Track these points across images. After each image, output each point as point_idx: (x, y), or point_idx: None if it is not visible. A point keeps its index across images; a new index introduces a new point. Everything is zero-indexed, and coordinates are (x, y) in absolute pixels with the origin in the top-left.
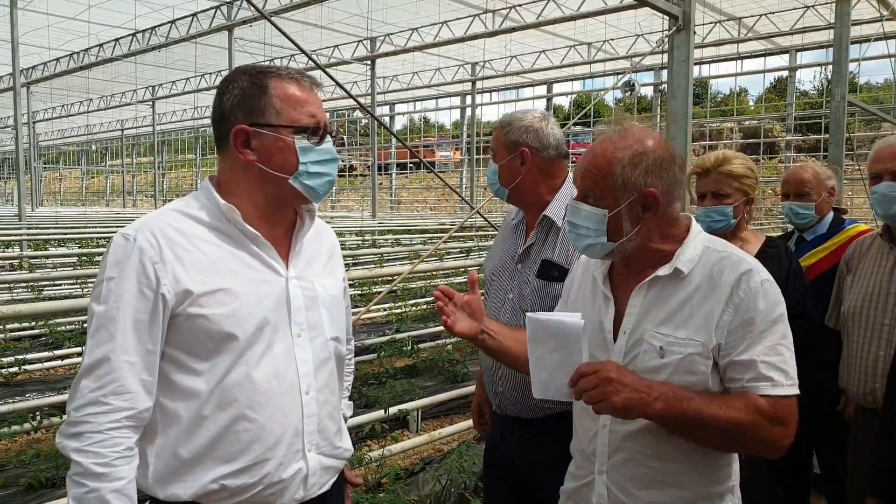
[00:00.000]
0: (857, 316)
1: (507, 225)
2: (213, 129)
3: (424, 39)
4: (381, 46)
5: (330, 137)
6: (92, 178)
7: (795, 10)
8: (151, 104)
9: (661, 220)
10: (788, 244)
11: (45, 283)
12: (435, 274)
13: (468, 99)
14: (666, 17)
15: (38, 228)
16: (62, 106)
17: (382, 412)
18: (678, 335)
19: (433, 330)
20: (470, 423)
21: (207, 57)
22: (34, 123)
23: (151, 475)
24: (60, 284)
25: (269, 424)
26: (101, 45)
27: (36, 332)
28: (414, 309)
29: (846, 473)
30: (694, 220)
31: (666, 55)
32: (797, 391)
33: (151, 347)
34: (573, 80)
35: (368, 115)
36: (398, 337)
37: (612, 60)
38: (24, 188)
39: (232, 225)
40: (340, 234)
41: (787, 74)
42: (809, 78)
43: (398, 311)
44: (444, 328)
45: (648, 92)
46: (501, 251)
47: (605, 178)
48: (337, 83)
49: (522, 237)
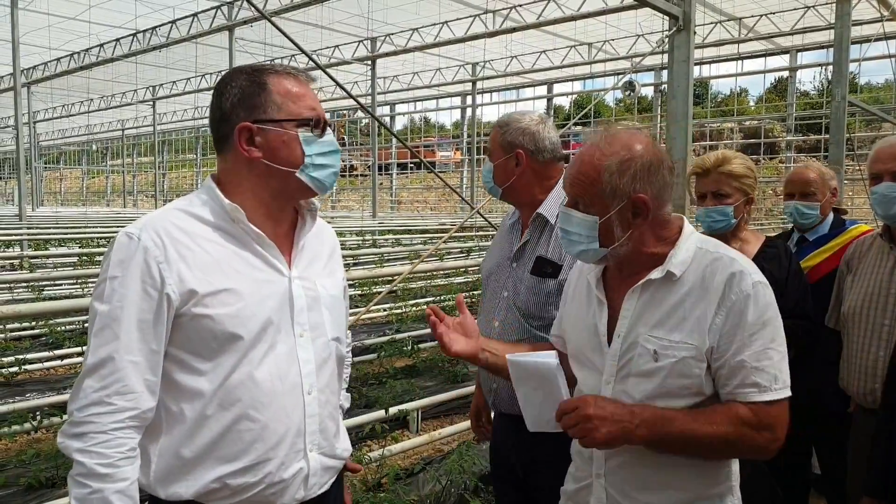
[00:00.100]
0: (857, 316)
1: (504, 225)
2: (212, 130)
3: (425, 39)
4: (381, 46)
5: (330, 129)
6: (92, 178)
7: (796, 10)
8: (152, 104)
9: (652, 223)
10: (788, 244)
11: (45, 282)
12: (435, 274)
13: (468, 99)
14: (666, 17)
15: (38, 228)
16: (63, 106)
17: (382, 412)
18: (672, 338)
19: None
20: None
21: (208, 57)
22: (35, 123)
23: (153, 474)
24: (61, 284)
25: (271, 424)
26: (101, 45)
27: (36, 331)
28: (414, 309)
29: (846, 473)
30: (686, 220)
31: (666, 55)
32: (787, 394)
33: (155, 347)
34: (573, 80)
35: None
36: (398, 337)
37: (612, 61)
38: (24, 188)
39: (236, 224)
40: (341, 234)
41: (787, 75)
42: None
43: (398, 311)
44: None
45: (649, 92)
46: (498, 250)
47: (593, 185)
48: (337, 83)
49: (518, 236)
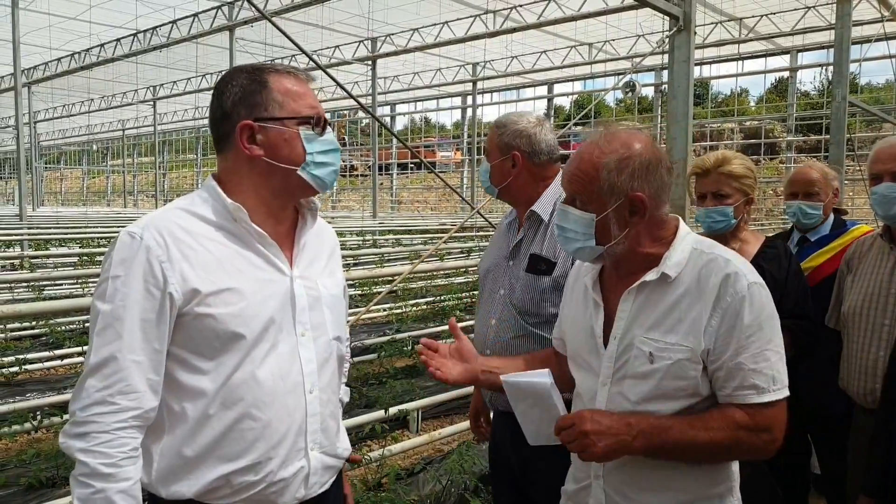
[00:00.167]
0: (857, 316)
1: (501, 224)
2: (212, 130)
3: (425, 40)
4: (381, 47)
5: (330, 128)
6: (93, 178)
7: (796, 10)
8: (152, 104)
9: (649, 223)
10: (788, 244)
11: (45, 282)
12: (435, 274)
13: (469, 99)
14: (667, 17)
15: (38, 228)
16: (63, 106)
17: (382, 412)
18: (668, 340)
19: (433, 330)
20: None
21: (208, 57)
22: (35, 123)
23: (154, 473)
24: (61, 284)
25: (273, 423)
26: (102, 45)
27: (36, 331)
28: (414, 309)
29: (846, 473)
30: (681, 221)
31: (667, 56)
32: (786, 394)
33: (158, 347)
34: (574, 80)
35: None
36: (398, 337)
37: (612, 61)
38: (25, 188)
39: (238, 224)
40: (341, 234)
41: (787, 75)
42: (810, 78)
43: (398, 311)
44: (434, 374)
45: (649, 92)
46: (495, 249)
47: (591, 182)
48: (338, 83)
49: (515, 234)
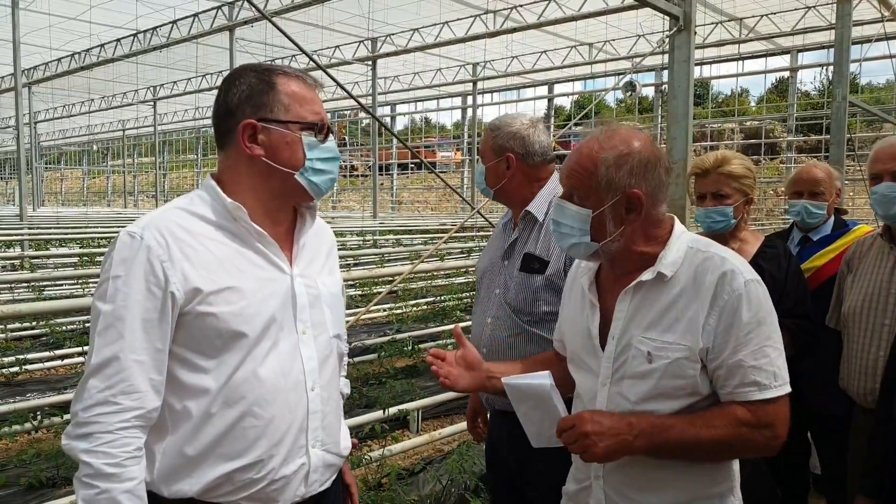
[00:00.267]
0: (857, 316)
1: (498, 224)
2: (215, 125)
3: (425, 40)
4: (382, 47)
5: (332, 136)
6: (93, 178)
7: (797, 10)
8: (153, 104)
9: (645, 221)
10: (788, 244)
11: (46, 282)
12: (436, 274)
13: (469, 99)
14: (667, 17)
15: (39, 228)
16: (63, 106)
17: (382, 412)
18: (665, 339)
19: (434, 330)
20: None
21: (209, 57)
22: (35, 123)
23: (157, 472)
24: (61, 284)
25: (275, 421)
26: (102, 45)
27: (37, 331)
28: (414, 309)
29: (846, 473)
30: (677, 220)
31: (667, 56)
32: (787, 390)
33: (160, 346)
34: (574, 80)
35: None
36: (399, 337)
37: (613, 61)
38: (25, 188)
39: (238, 223)
40: (341, 234)
41: (788, 75)
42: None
43: (399, 311)
44: (443, 383)
45: (649, 92)
46: (492, 250)
47: (589, 177)
48: (338, 84)
49: (510, 234)
